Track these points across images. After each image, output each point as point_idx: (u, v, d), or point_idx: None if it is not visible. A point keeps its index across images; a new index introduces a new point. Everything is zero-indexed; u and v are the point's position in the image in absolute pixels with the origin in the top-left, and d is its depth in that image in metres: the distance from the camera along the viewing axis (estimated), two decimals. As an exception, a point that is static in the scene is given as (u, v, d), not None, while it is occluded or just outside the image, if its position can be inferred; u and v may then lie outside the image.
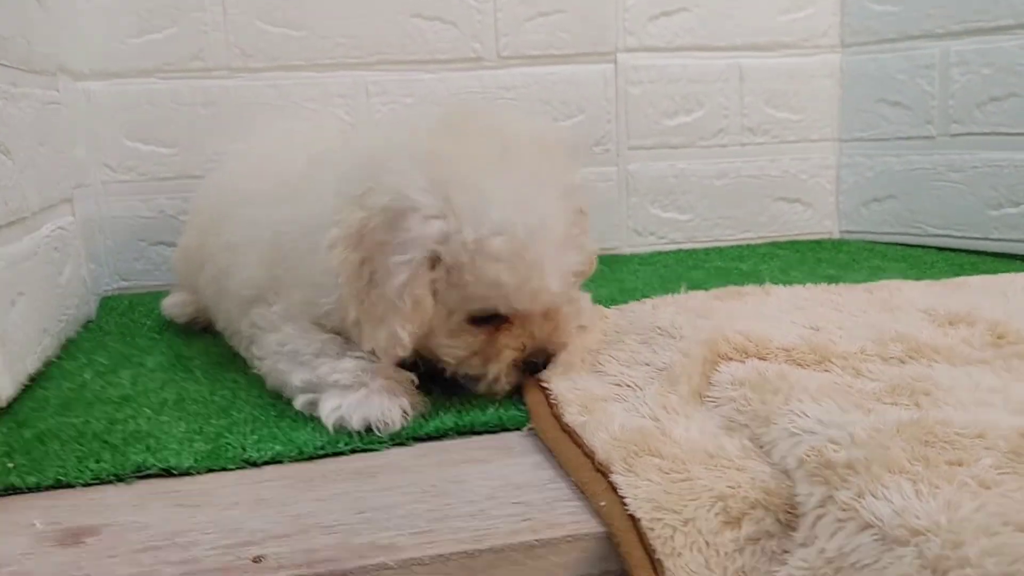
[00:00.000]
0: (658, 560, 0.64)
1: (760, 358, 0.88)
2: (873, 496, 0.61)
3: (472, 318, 0.88)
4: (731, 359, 0.88)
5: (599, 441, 0.75)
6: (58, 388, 0.99)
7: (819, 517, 0.63)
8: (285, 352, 0.93)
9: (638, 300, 1.12)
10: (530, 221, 0.84)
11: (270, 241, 0.98)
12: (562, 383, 0.88)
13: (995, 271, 1.26)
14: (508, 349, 0.90)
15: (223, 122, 1.46)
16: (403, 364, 0.91)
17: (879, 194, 1.64)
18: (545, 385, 0.89)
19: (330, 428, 0.84)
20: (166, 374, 1.03)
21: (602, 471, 0.72)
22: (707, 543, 0.66)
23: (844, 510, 0.61)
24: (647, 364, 0.91)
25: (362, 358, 0.90)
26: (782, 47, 1.64)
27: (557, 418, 0.83)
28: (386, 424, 0.83)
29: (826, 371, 0.87)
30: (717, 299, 1.08)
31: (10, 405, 0.92)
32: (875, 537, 0.58)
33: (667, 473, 0.70)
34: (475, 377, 0.92)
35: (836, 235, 1.73)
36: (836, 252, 1.55)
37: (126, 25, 1.42)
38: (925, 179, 1.56)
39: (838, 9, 1.65)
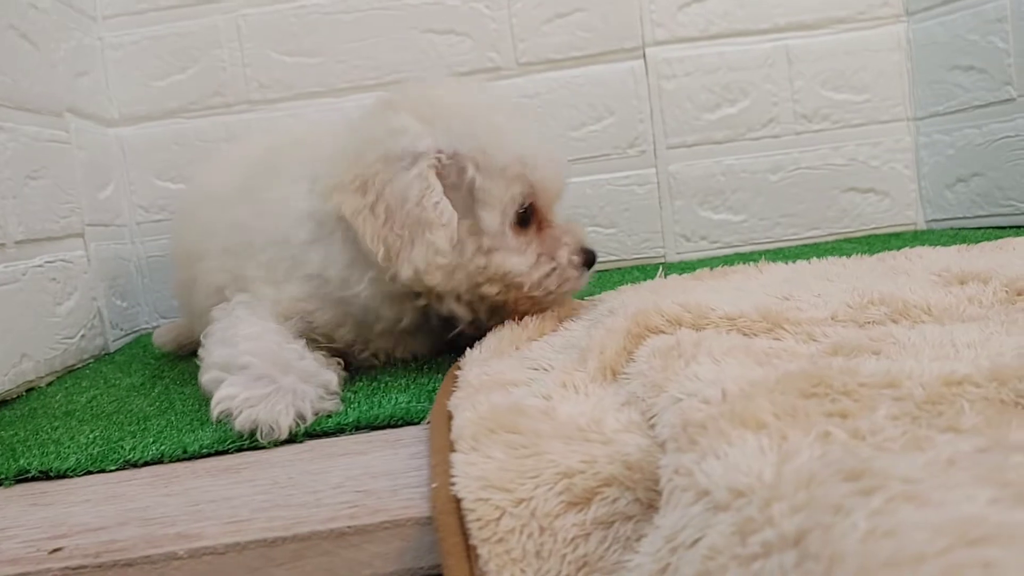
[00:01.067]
0: (472, 547, 0.54)
1: (697, 328, 0.76)
2: (715, 457, 0.49)
3: (518, 219, 0.90)
4: (662, 332, 0.76)
5: (461, 420, 0.65)
6: (21, 407, 0.99)
7: (671, 492, 0.51)
8: (226, 336, 0.87)
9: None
10: (510, 103, 0.94)
11: (232, 241, 0.96)
12: (475, 369, 0.79)
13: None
14: (563, 241, 0.93)
15: (246, 155, 1.47)
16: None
17: (963, 173, 1.43)
18: (457, 372, 0.80)
19: (214, 417, 0.78)
20: (127, 392, 1.02)
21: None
22: (542, 528, 0.55)
23: (686, 477, 0.49)
24: (576, 347, 0.80)
25: (294, 350, 0.85)
26: (835, 23, 1.48)
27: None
28: (271, 430, 0.76)
29: (776, 339, 0.73)
30: (695, 279, 0.96)
31: (-44, 421, 0.93)
32: (707, 506, 0.46)
33: (515, 449, 0.60)
34: (547, 277, 0.92)
35: (922, 225, 1.53)
36: (914, 243, 1.36)
37: (151, 69, 1.47)
38: (1010, 149, 1.34)
39: (897, -26, 1.48)
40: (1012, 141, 1.33)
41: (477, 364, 0.80)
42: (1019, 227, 1.34)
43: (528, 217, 0.91)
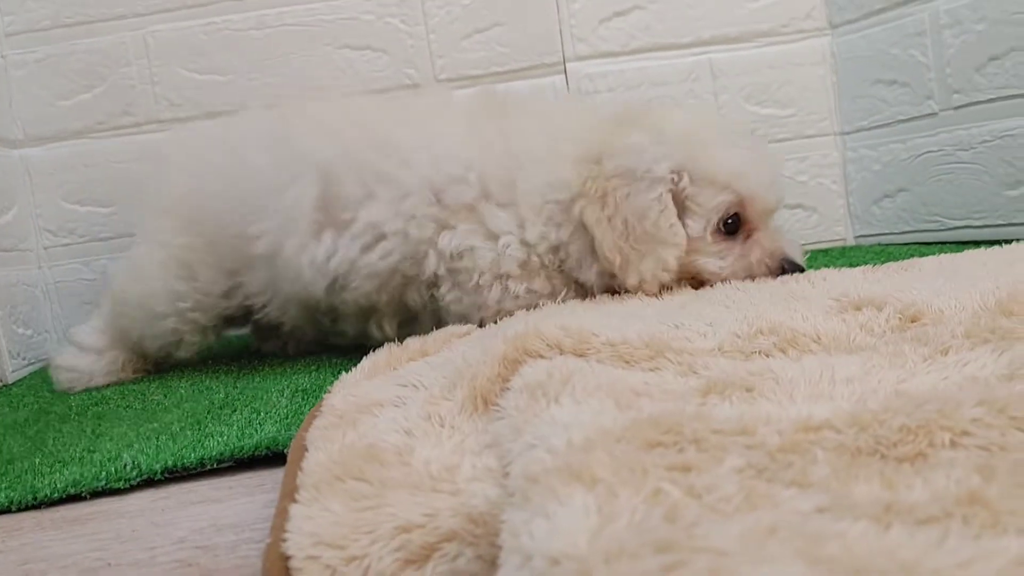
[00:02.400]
0: (295, 610, 0.50)
1: (578, 354, 0.72)
2: (544, 517, 0.45)
3: (723, 225, 0.98)
4: (542, 356, 0.72)
5: (309, 463, 0.61)
6: None
7: (506, 553, 0.47)
8: None
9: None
10: (733, 123, 1.08)
11: None
12: (343, 391, 0.75)
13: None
14: (762, 244, 0.98)
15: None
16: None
17: (889, 189, 1.41)
18: (326, 396, 0.76)
19: None
20: (4, 431, 0.96)
21: (298, 501, 0.58)
22: (375, 589, 0.51)
23: (514, 537, 0.45)
24: (452, 364, 0.76)
25: None
26: (759, 36, 1.46)
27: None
28: None
29: (655, 369, 0.70)
30: (594, 302, 0.93)
31: None
32: (529, 574, 0.43)
33: (356, 501, 0.56)
34: (735, 275, 0.98)
35: (851, 241, 1.51)
36: (836, 260, 1.34)
37: (57, 88, 1.42)
38: (934, 164, 1.33)
39: (821, -13, 1.46)
40: (935, 156, 1.32)
41: (347, 386, 0.76)
42: (944, 243, 1.33)
43: (736, 226, 0.98)
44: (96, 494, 0.72)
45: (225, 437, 0.78)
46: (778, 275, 0.97)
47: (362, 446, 0.62)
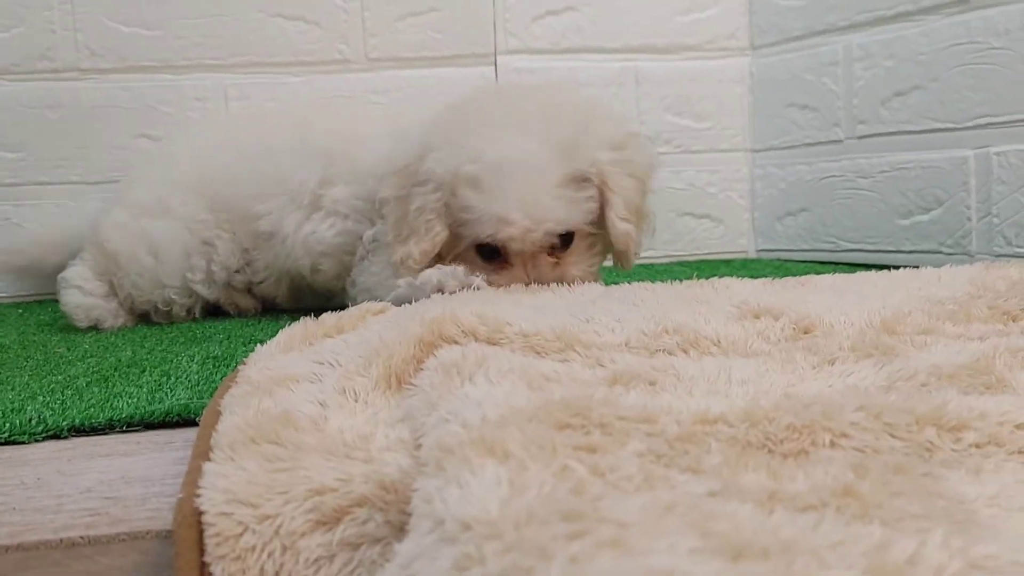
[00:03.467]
0: (205, 563, 0.51)
1: (491, 342, 0.75)
2: (458, 485, 0.47)
3: (479, 250, 1.01)
4: (456, 342, 0.75)
5: (224, 425, 0.62)
6: None
7: (416, 518, 0.50)
8: None
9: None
10: (503, 154, 0.96)
11: None
12: (259, 364, 0.76)
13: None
14: (509, 275, 0.99)
15: (71, 126, 1.38)
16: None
17: (792, 207, 1.49)
18: (241, 367, 0.77)
19: None
20: None
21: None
22: (284, 547, 0.53)
23: (427, 503, 0.48)
24: (368, 343, 0.78)
25: None
26: (684, 49, 1.52)
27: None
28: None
29: (564, 360, 0.73)
30: (507, 291, 0.96)
31: None
32: (439, 537, 0.45)
33: (270, 462, 0.57)
34: None
35: (752, 254, 1.58)
36: (738, 270, 1.40)
37: (-28, 25, 1.37)
38: (835, 188, 1.41)
39: (745, 9, 1.52)
40: (837, 180, 1.39)
41: (263, 359, 0.77)
42: (838, 263, 1.41)
43: (492, 256, 1.00)
44: (-4, 443, 0.71)
45: (135, 399, 0.78)
46: None
47: (277, 412, 0.64)
